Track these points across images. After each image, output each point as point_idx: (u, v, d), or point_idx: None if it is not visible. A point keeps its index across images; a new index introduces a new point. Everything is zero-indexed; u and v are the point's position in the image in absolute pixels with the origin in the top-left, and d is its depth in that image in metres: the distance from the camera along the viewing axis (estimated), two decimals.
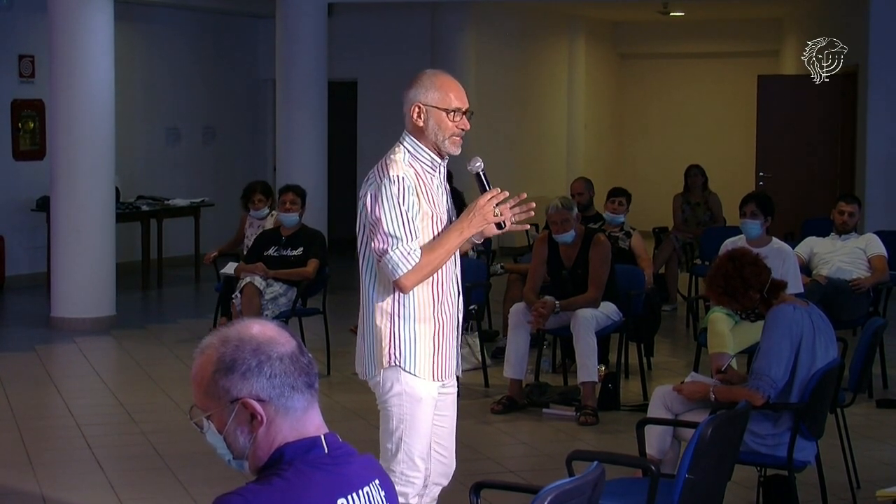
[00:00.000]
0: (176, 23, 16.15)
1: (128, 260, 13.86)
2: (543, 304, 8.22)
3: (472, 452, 7.45)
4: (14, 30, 13.80)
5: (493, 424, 8.10)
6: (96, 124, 11.34)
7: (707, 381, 5.97)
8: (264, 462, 2.53)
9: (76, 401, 8.64)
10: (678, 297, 12.58)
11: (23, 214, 13.88)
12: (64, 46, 11.26)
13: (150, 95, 15.76)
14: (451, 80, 4.60)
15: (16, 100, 13.93)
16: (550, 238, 8.57)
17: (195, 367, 2.58)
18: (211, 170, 16.70)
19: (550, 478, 3.95)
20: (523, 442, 7.83)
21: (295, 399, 2.54)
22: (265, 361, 2.52)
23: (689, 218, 13.13)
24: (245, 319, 2.63)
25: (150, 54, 15.82)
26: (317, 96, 14.01)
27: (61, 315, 11.34)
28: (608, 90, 20.73)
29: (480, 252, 10.55)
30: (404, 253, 4.41)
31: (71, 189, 11.32)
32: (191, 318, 12.11)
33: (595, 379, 8.17)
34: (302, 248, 9.72)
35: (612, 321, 8.44)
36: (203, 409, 2.57)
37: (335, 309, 10.92)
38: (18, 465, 6.97)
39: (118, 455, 7.25)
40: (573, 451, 4.76)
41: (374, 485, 2.59)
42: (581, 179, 11.27)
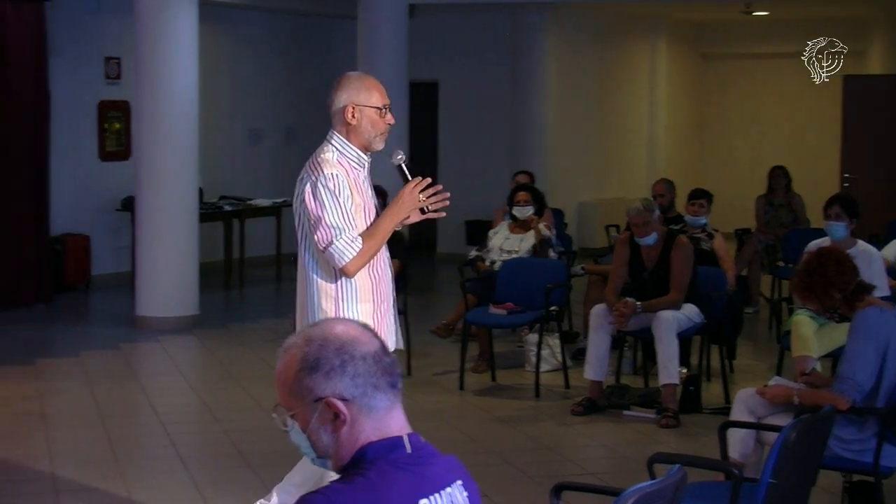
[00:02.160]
0: (259, 24, 16.28)
1: (210, 260, 13.99)
2: (625, 305, 8.17)
3: (552, 454, 7.44)
4: (101, 32, 14.00)
5: (573, 426, 8.08)
6: (180, 125, 11.47)
7: (791, 384, 5.90)
8: (347, 461, 2.54)
9: (160, 399, 8.74)
10: (761, 300, 12.45)
11: (108, 214, 14.07)
12: (149, 48, 11.40)
13: (232, 96, 15.90)
14: (377, 81, 5.05)
15: (102, 101, 14.13)
16: (632, 239, 8.52)
17: (279, 366, 2.59)
18: (292, 170, 16.57)
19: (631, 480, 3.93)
20: (603, 444, 7.79)
21: (378, 399, 2.54)
22: (348, 361, 2.53)
23: (771, 219, 12.99)
24: (329, 319, 2.64)
25: (234, 56, 15.96)
26: (398, 97, 13.96)
27: (145, 314, 11.48)
28: (690, 91, 20.57)
29: (561, 253, 10.51)
30: (348, 241, 4.83)
31: (155, 189, 11.45)
32: (272, 318, 12.20)
33: (676, 381, 8.11)
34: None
35: (693, 323, 8.38)
36: (287, 408, 2.58)
37: (415, 310, 10.95)
38: (104, 462, 7.06)
39: (201, 453, 7.32)
40: (655, 453, 4.73)
41: (457, 485, 2.58)
42: (662, 181, 11.19)
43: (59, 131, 13.24)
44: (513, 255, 9.93)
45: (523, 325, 9.61)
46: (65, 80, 13.46)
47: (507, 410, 8.53)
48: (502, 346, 10.34)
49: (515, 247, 10.05)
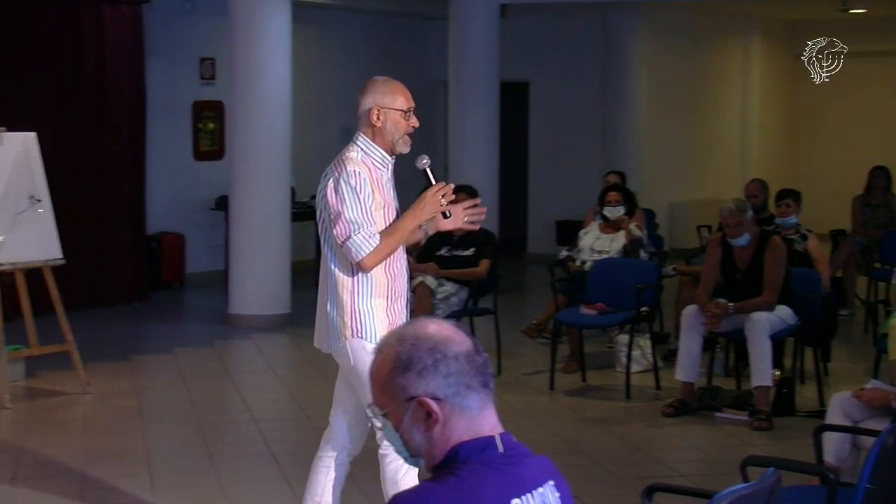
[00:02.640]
0: (350, 25, 16.38)
1: (302, 258, 14.11)
2: (717, 306, 8.10)
3: (642, 455, 7.40)
4: (196, 33, 14.19)
5: (664, 427, 8.03)
6: (273, 125, 11.58)
7: (888, 388, 5.81)
8: (440, 460, 2.54)
9: (252, 396, 8.84)
10: (856, 302, 12.27)
11: (202, 213, 14.25)
12: (243, 49, 11.52)
13: (324, 96, 16.01)
14: (402, 86, 5.23)
15: (197, 101, 14.32)
16: (724, 240, 8.45)
17: (373, 365, 2.61)
18: None
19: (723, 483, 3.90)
20: (695, 446, 7.74)
21: (470, 398, 2.54)
22: (441, 360, 2.53)
23: (868, 220, 12.78)
24: (421, 318, 2.65)
25: (325, 56, 16.07)
26: (489, 97, 14.04)
27: (238, 312, 11.61)
28: (783, 90, 20.32)
29: (652, 254, 10.45)
30: (366, 236, 4.93)
31: (248, 188, 11.57)
32: None
33: (769, 383, 8.03)
34: (474, 249, 9.76)
35: (787, 325, 8.28)
36: (380, 407, 2.59)
37: (506, 309, 10.93)
38: (198, 457, 7.16)
39: (293, 450, 7.38)
40: (748, 456, 4.69)
41: (549, 486, 2.58)
42: (755, 181, 11.07)
43: (154, 131, 13.44)
44: (603, 256, 9.89)
45: (614, 325, 9.57)
46: (160, 80, 13.65)
47: (597, 411, 8.50)
48: (593, 347, 10.30)
49: (606, 247, 10.01)
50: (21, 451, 7.33)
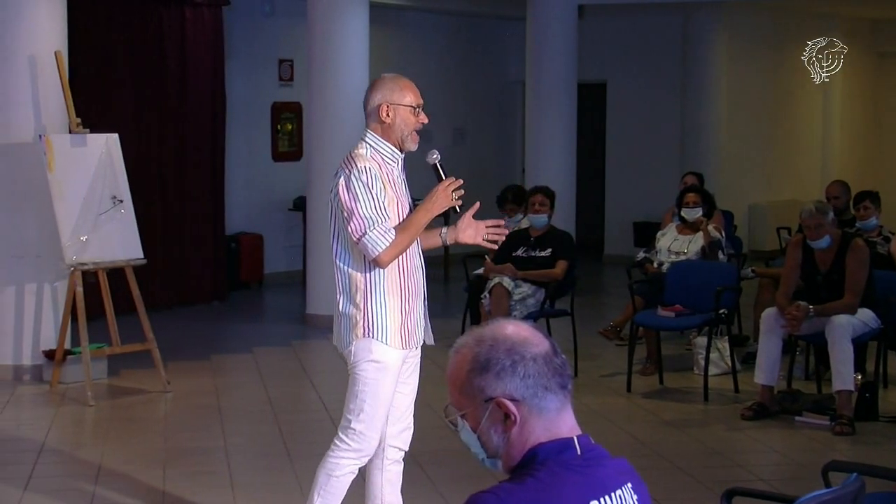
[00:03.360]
0: (427, 26, 16.42)
1: None
2: (797, 309, 8.02)
3: (721, 459, 7.34)
4: (275, 35, 14.30)
5: (743, 431, 7.96)
6: (351, 126, 11.58)
7: None
8: (517, 462, 2.54)
9: (330, 395, 8.88)
10: None
11: (280, 214, 14.37)
12: (321, 50, 11.59)
13: None
14: (411, 82, 5.18)
15: (275, 102, 14.44)
16: (805, 242, 8.36)
17: (450, 366, 2.61)
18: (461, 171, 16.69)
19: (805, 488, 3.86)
20: (775, 450, 7.66)
21: (548, 399, 2.54)
22: (519, 361, 2.53)
23: None
24: (499, 320, 2.64)
25: (403, 57, 16.12)
26: (566, 98, 14.00)
27: (316, 312, 11.68)
28: (866, 91, 20.04)
29: (731, 255, 10.37)
30: (381, 232, 4.94)
31: (326, 189, 11.55)
32: (439, 317, 12.21)
33: (851, 387, 7.93)
34: (550, 250, 9.75)
35: (869, 328, 8.17)
36: (458, 408, 2.59)
37: (583, 311, 10.92)
38: (277, 456, 7.21)
39: None
40: (830, 461, 4.62)
41: (627, 488, 2.57)
42: (837, 182, 10.94)
43: (234, 133, 13.57)
44: (681, 258, 9.83)
45: (692, 327, 9.50)
46: (240, 82, 13.78)
47: (675, 414, 8.45)
48: (670, 349, 10.24)
49: (684, 249, 9.94)
50: (103, 448, 7.43)
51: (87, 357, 8.62)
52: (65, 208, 8.71)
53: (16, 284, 9.20)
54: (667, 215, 11.02)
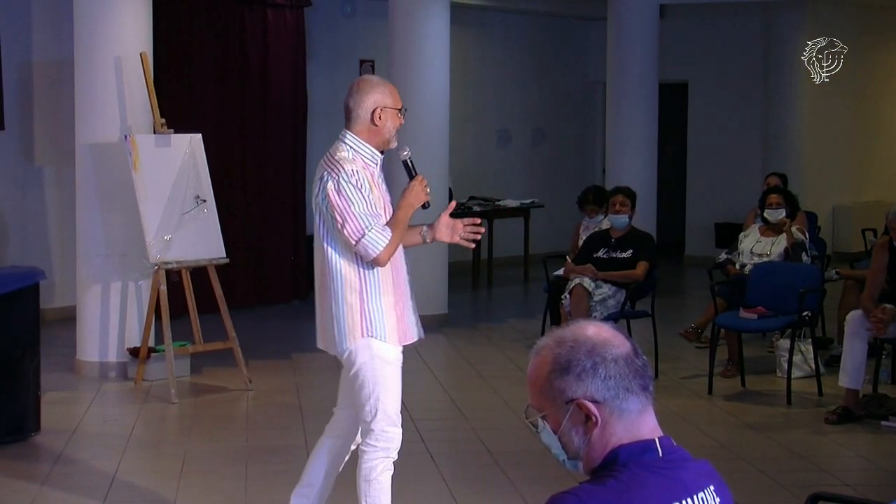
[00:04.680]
0: (507, 26, 16.41)
1: (459, 259, 14.19)
2: (883, 312, 7.90)
3: (805, 463, 7.26)
4: (356, 36, 14.38)
5: (827, 435, 7.86)
6: (432, 126, 11.66)
7: None
8: (598, 463, 2.53)
9: (409, 396, 8.85)
10: None
11: None
12: (403, 51, 11.63)
13: (482, 98, 16.08)
14: (390, 83, 5.31)
15: None
16: (891, 244, 8.24)
17: (531, 367, 2.60)
18: (541, 171, 16.90)
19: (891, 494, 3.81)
20: (860, 455, 7.56)
21: (630, 401, 2.53)
22: (600, 363, 2.52)
23: None
24: (580, 321, 2.64)
25: (484, 57, 16.14)
26: (647, 98, 13.93)
27: None
28: None
29: (814, 257, 10.25)
30: (379, 231, 4.99)
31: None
32: (520, 318, 12.27)
33: None
34: (631, 251, 9.70)
35: None
36: (538, 409, 2.59)
37: (664, 312, 10.85)
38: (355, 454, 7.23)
39: (450, 450, 7.43)
40: None
41: (709, 491, 2.55)
42: None
43: (315, 133, 13.64)
44: (764, 259, 9.73)
45: (774, 329, 9.41)
46: (321, 82, 13.86)
47: (757, 416, 8.37)
48: (752, 351, 10.15)
49: (767, 250, 9.85)
50: (187, 444, 7.52)
51: (170, 355, 8.72)
52: (149, 208, 8.82)
53: (101, 283, 9.33)
54: (749, 216, 10.92)
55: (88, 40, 9.34)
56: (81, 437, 7.75)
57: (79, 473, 6.93)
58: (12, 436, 7.44)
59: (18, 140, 11.44)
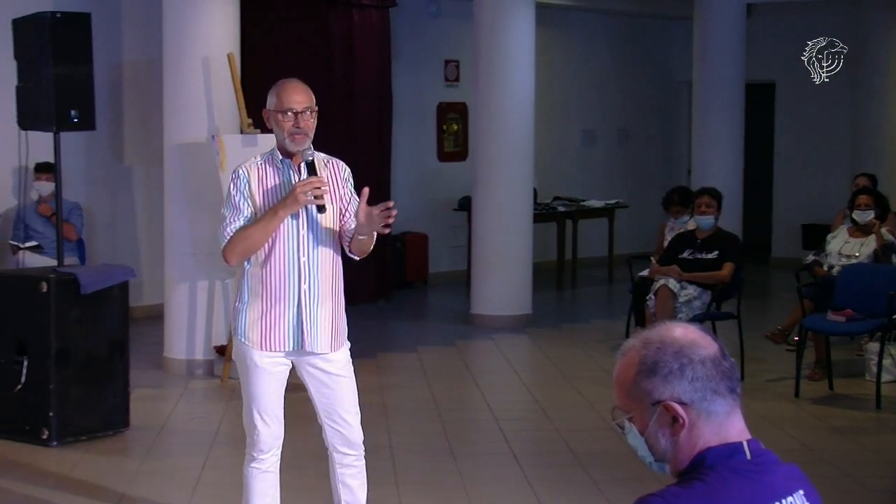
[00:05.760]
0: (594, 26, 16.36)
1: (543, 259, 14.17)
2: None
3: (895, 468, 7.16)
4: (441, 36, 14.42)
5: None
6: (517, 126, 11.66)
7: None
8: (686, 466, 2.52)
9: (493, 396, 8.92)
10: None
11: (445, 214, 14.46)
12: (487, 51, 11.64)
13: (566, 98, 16.04)
14: (290, 85, 5.19)
15: (441, 103, 14.54)
16: None
17: (617, 368, 2.59)
18: (625, 171, 16.82)
19: None
20: None
21: (717, 403, 2.51)
22: (687, 364, 2.51)
23: None
24: (666, 322, 2.63)
25: (568, 57, 16.10)
26: (734, 98, 13.82)
27: (480, 312, 11.73)
28: None
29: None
30: (225, 228, 4.99)
31: (491, 189, 11.68)
32: (604, 319, 12.23)
33: None
34: (717, 252, 9.63)
35: None
36: (625, 411, 2.58)
37: (750, 314, 10.76)
38: (441, 454, 7.27)
39: (534, 450, 7.43)
40: None
41: (799, 495, 2.53)
42: None
43: (400, 133, 13.71)
44: (852, 261, 9.61)
45: (863, 332, 9.29)
46: (406, 83, 13.92)
47: (845, 420, 8.26)
48: (840, 354, 10.01)
49: (855, 252, 9.72)
50: None
51: None
52: None
53: (188, 281, 9.45)
54: (837, 217, 10.79)
55: (177, 41, 9.46)
56: (169, 433, 7.86)
57: (166, 469, 7.03)
58: (103, 431, 7.57)
59: (108, 140, 11.61)
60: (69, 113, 7.55)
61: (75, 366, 7.38)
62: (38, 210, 10.55)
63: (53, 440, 7.32)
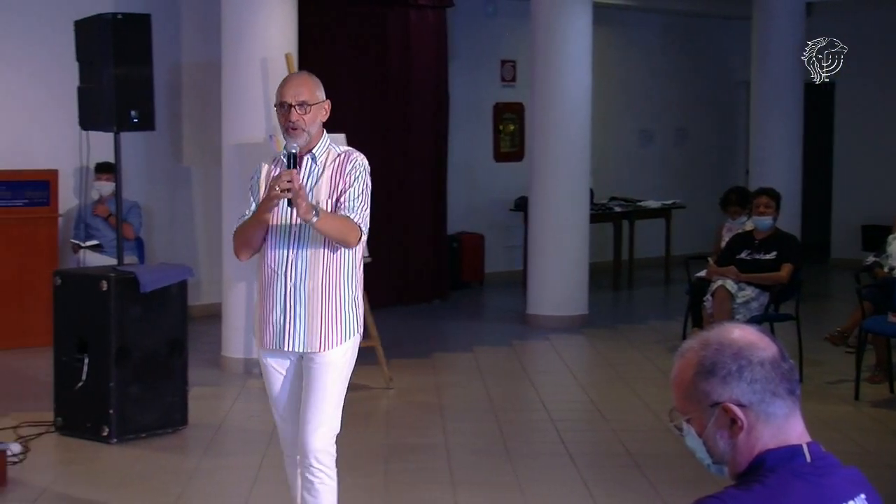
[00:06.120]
0: (651, 26, 16.29)
1: (599, 260, 14.13)
2: None
3: None
4: (497, 36, 14.41)
5: None
6: (573, 127, 11.63)
7: None
8: (744, 468, 2.50)
9: (549, 396, 8.90)
10: None
11: (501, 214, 14.46)
12: (544, 51, 11.62)
13: (623, 98, 15.99)
14: (289, 78, 5.18)
15: (497, 103, 14.54)
16: None
17: (675, 369, 2.58)
18: (682, 172, 16.73)
19: None
20: None
21: (776, 405, 2.49)
22: (746, 366, 2.49)
23: None
24: (724, 323, 2.61)
25: (625, 57, 16.04)
26: (793, 98, 13.71)
27: (536, 312, 11.72)
28: None
29: None
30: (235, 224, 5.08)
31: (547, 190, 11.66)
32: (660, 320, 12.17)
33: None
34: (775, 253, 9.56)
35: None
36: (683, 413, 2.57)
37: (808, 315, 10.67)
38: (496, 454, 7.27)
39: (590, 451, 7.40)
40: None
41: (860, 499, 2.50)
42: None
43: (456, 133, 13.72)
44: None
45: None
46: (462, 82, 13.93)
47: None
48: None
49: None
50: None
51: None
52: None
53: (246, 281, 9.50)
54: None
55: (235, 42, 9.52)
56: (226, 431, 7.91)
57: (224, 467, 7.08)
58: (161, 428, 7.63)
59: (168, 140, 11.71)
60: (129, 113, 7.62)
61: (134, 364, 7.45)
62: (96, 211, 10.66)
63: (113, 437, 7.39)
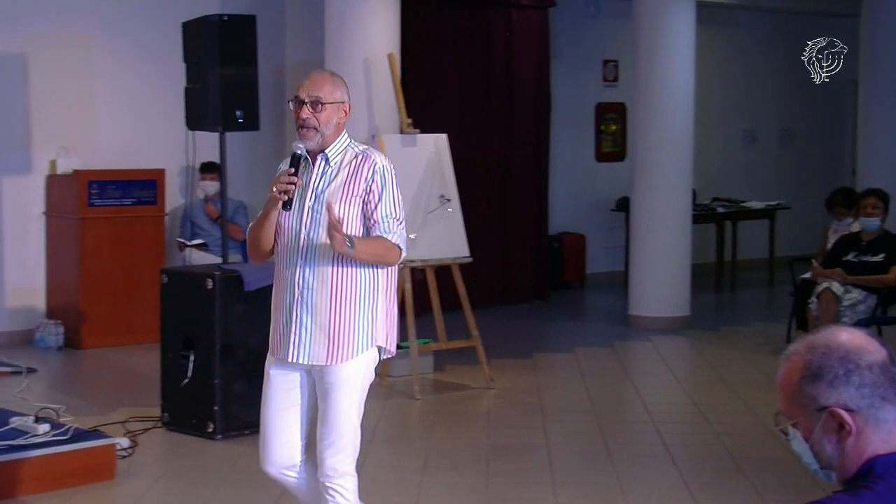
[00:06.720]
0: (755, 24, 16.12)
1: (702, 261, 14.00)
2: None
3: None
4: (599, 36, 14.36)
5: None
6: (676, 127, 11.54)
7: None
8: (853, 473, 2.47)
9: (651, 397, 8.85)
10: None
11: (603, 214, 14.40)
12: (647, 51, 11.55)
13: (726, 97, 15.83)
14: (310, 75, 4.81)
15: (599, 103, 14.49)
16: None
17: (781, 373, 2.56)
18: (786, 172, 16.53)
19: None
20: None
21: (886, 410, 2.46)
22: (853, 370, 2.46)
23: None
24: (831, 326, 2.58)
25: (729, 56, 15.89)
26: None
27: (638, 313, 11.65)
28: None
29: None
30: None
31: (650, 190, 11.59)
32: (764, 322, 12.04)
33: None
34: (883, 255, 9.41)
35: None
36: (789, 417, 2.54)
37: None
38: (597, 455, 7.24)
39: (692, 454, 7.34)
40: None
41: None
42: None
43: (558, 133, 13.70)
44: None
45: None
46: (564, 82, 13.90)
47: None
48: None
49: None
50: (429, 440, 7.64)
51: (415, 352, 8.88)
52: None
53: None
54: None
55: (338, 42, 9.60)
56: None
57: None
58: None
59: (272, 140, 11.83)
60: (235, 113, 7.72)
61: (238, 361, 7.53)
62: (205, 211, 10.84)
63: (218, 433, 7.48)
